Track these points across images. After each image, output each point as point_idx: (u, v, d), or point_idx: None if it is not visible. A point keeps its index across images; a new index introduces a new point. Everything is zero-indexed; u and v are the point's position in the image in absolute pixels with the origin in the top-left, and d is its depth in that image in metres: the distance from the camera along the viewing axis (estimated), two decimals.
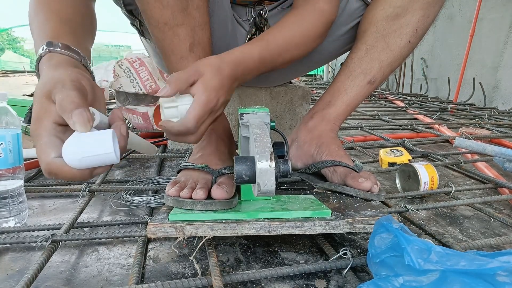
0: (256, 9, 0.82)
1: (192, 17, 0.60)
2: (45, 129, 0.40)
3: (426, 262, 0.35)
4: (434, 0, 0.68)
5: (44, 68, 0.47)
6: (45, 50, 0.48)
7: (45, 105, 0.40)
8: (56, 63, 0.47)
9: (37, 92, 0.42)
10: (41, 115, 0.40)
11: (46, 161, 0.39)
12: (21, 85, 2.50)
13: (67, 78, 0.42)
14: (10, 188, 0.60)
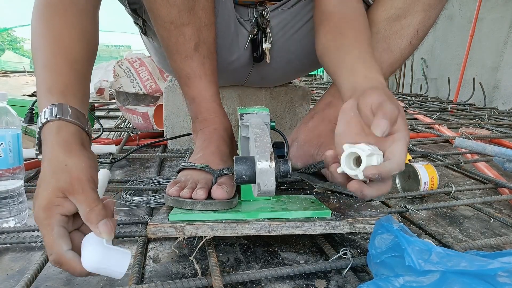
0: (258, 9, 0.82)
1: (198, 17, 0.61)
2: (56, 220, 0.41)
3: (426, 263, 0.35)
4: (436, 2, 0.68)
5: (51, 141, 0.44)
6: (55, 117, 0.45)
7: (58, 199, 0.41)
8: (65, 141, 0.45)
9: (49, 181, 0.42)
10: (52, 207, 0.41)
11: (59, 252, 0.40)
12: (21, 85, 2.50)
13: (83, 177, 0.43)
14: (10, 188, 0.60)
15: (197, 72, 0.65)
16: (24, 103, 1.22)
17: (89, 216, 0.41)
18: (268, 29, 0.82)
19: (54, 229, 0.41)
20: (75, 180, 0.42)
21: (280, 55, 0.88)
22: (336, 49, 0.59)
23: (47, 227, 0.41)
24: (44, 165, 0.44)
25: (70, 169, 0.43)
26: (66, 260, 0.41)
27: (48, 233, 0.41)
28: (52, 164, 0.43)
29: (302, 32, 0.85)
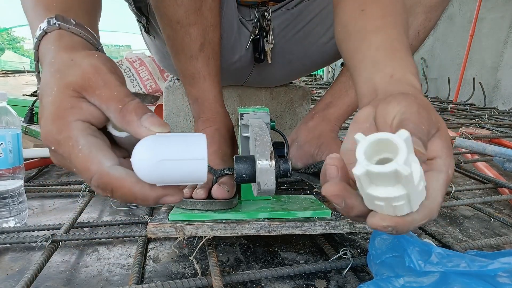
0: (260, 9, 0.82)
1: (205, 17, 0.61)
2: (77, 129, 0.28)
3: (426, 264, 0.35)
4: (437, 4, 0.68)
5: (52, 49, 0.33)
6: (54, 25, 0.35)
7: (71, 99, 0.29)
8: (70, 45, 0.34)
9: (51, 84, 0.30)
10: (63, 113, 0.28)
11: (100, 171, 0.28)
12: (21, 85, 2.50)
13: (103, 67, 0.31)
14: (10, 188, 0.60)
15: (202, 72, 0.66)
16: (24, 103, 1.22)
17: (125, 112, 0.28)
18: (269, 29, 0.82)
19: (79, 141, 0.28)
20: (89, 71, 0.30)
21: (281, 55, 0.88)
22: (356, 33, 0.45)
23: (68, 142, 0.28)
24: (42, 76, 0.32)
25: (79, 61, 0.31)
26: (116, 179, 0.27)
27: (74, 152, 0.28)
28: (55, 64, 0.31)
29: (304, 33, 0.85)
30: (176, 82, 1.14)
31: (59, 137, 0.28)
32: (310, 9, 0.83)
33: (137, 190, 0.28)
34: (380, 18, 0.44)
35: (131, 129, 0.29)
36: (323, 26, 0.84)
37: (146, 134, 0.28)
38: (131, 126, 0.29)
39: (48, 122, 0.28)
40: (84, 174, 0.28)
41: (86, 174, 0.28)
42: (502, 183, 0.86)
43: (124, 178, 0.28)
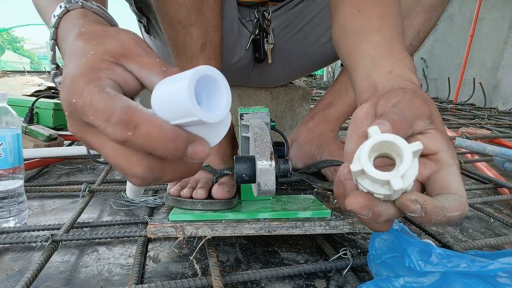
0: (260, 10, 0.82)
1: (206, 17, 0.61)
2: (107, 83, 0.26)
3: (427, 264, 0.35)
4: (437, 4, 0.68)
5: (80, 23, 0.32)
6: (77, 3, 0.34)
7: (106, 63, 0.27)
8: (99, 21, 0.34)
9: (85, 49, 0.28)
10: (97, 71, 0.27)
11: (126, 105, 0.24)
12: (21, 85, 2.50)
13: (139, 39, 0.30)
14: (10, 188, 0.60)
15: None
16: (24, 103, 1.22)
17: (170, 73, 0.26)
18: (269, 29, 0.82)
19: (106, 88, 0.25)
20: (130, 42, 0.29)
21: (281, 55, 0.88)
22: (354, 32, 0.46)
23: (93, 88, 0.25)
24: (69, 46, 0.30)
25: (115, 33, 0.30)
26: (144, 114, 0.24)
27: (97, 94, 0.25)
28: (85, 33, 0.30)
29: (304, 33, 0.85)
30: None
31: (85, 87, 0.25)
32: (310, 9, 0.83)
33: (167, 126, 0.24)
34: (377, 18, 0.45)
35: None
36: (323, 26, 0.84)
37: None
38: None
39: (77, 77, 0.26)
40: (105, 110, 0.24)
41: (108, 109, 0.24)
42: (502, 183, 0.86)
43: (149, 113, 0.24)
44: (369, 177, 0.27)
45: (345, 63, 0.48)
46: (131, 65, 0.28)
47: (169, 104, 0.23)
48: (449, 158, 0.31)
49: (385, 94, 0.34)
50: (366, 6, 0.47)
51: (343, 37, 0.48)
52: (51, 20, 0.34)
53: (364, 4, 0.47)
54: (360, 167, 0.27)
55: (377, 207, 0.28)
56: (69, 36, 0.31)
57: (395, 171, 0.26)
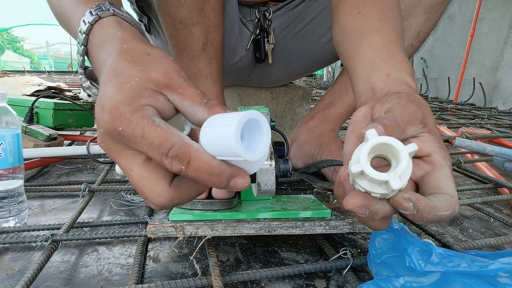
0: (260, 10, 0.82)
1: (208, 17, 0.61)
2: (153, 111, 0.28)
3: (427, 264, 0.35)
4: (437, 4, 0.68)
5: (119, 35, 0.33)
6: (108, 10, 0.35)
7: (149, 91, 0.29)
8: (134, 34, 0.34)
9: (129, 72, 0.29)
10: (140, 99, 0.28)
11: (182, 141, 0.27)
12: (21, 85, 2.50)
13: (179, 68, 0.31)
14: (10, 188, 0.60)
15: (203, 72, 0.66)
16: (24, 103, 1.22)
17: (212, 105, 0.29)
18: (270, 29, 0.82)
19: (155, 119, 0.27)
20: (171, 71, 0.30)
21: (282, 55, 0.89)
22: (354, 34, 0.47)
23: (143, 120, 0.27)
24: (110, 56, 0.31)
25: (157, 59, 0.31)
26: (196, 151, 0.27)
27: (150, 127, 0.27)
28: (130, 53, 0.31)
29: (305, 33, 0.85)
30: None
31: (132, 117, 0.27)
32: (310, 9, 0.83)
33: (215, 163, 0.27)
34: (377, 20, 0.46)
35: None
36: (323, 26, 0.84)
37: None
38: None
39: (122, 104, 0.27)
40: (162, 145, 0.26)
41: (165, 145, 0.26)
42: (502, 183, 0.86)
43: (203, 151, 0.27)
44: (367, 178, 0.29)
45: (345, 64, 0.49)
46: (173, 95, 0.29)
47: (217, 145, 0.26)
48: (441, 159, 0.32)
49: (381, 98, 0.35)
50: (366, 8, 0.47)
51: (344, 39, 0.49)
52: (80, 26, 0.35)
53: (364, 6, 0.48)
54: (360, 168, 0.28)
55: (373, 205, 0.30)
56: (108, 48, 0.32)
57: (393, 172, 0.28)
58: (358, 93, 0.42)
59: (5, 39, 12.38)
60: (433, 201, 0.29)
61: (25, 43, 13.52)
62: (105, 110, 0.28)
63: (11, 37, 13.43)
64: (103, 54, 0.32)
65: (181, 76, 0.30)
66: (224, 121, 0.26)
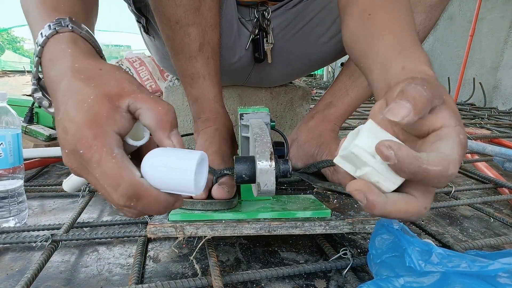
0: (259, 9, 0.82)
1: (204, 17, 0.61)
2: (112, 138, 0.30)
3: (427, 264, 0.35)
4: (437, 3, 0.68)
5: (69, 52, 0.33)
6: (67, 27, 0.35)
7: (106, 109, 0.30)
8: (87, 51, 0.35)
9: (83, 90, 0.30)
10: (102, 121, 0.29)
11: (131, 179, 0.29)
12: (21, 85, 2.50)
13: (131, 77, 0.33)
14: (10, 188, 0.60)
15: (201, 72, 0.66)
16: (24, 103, 1.22)
17: (163, 120, 0.31)
18: (269, 29, 0.82)
19: (114, 149, 0.29)
20: (124, 81, 0.31)
21: (281, 55, 0.88)
22: (366, 36, 0.47)
23: (102, 149, 0.28)
24: (63, 76, 0.32)
25: (108, 72, 0.32)
26: (145, 190, 0.29)
27: (106, 156, 0.28)
28: (82, 71, 0.32)
29: (304, 32, 0.85)
30: (176, 82, 1.14)
31: (93, 142, 0.28)
32: (309, 9, 0.83)
33: (163, 198, 0.30)
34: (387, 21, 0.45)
35: (160, 134, 0.31)
36: (323, 25, 0.84)
37: (168, 146, 0.31)
38: (161, 132, 0.31)
39: (83, 127, 0.29)
40: (113, 181, 0.28)
41: (116, 181, 0.28)
42: (502, 183, 0.86)
43: (152, 189, 0.30)
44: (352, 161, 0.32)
45: (359, 66, 0.48)
46: (127, 100, 0.31)
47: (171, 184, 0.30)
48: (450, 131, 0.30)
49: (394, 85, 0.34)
50: (376, 9, 0.47)
51: (355, 42, 0.49)
52: (37, 38, 0.35)
53: (373, 7, 0.48)
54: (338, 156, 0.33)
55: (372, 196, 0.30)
56: (60, 66, 0.33)
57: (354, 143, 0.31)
58: (376, 91, 0.42)
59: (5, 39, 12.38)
60: (420, 154, 0.28)
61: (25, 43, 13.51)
62: (68, 132, 0.29)
63: (11, 37, 13.42)
64: (54, 71, 0.33)
65: (133, 84, 0.32)
66: (178, 162, 0.29)
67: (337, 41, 0.84)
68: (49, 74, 0.34)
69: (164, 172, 0.29)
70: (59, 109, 0.31)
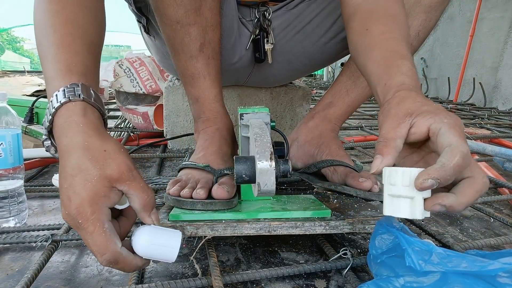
0: (260, 10, 0.82)
1: (205, 17, 0.61)
2: (105, 214, 0.37)
3: (427, 264, 0.35)
4: (437, 4, 0.68)
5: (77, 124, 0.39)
6: (79, 97, 0.40)
7: (105, 189, 0.37)
8: (95, 125, 0.41)
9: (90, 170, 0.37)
10: (99, 200, 0.37)
11: (115, 250, 0.37)
12: (21, 85, 2.50)
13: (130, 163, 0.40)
14: (10, 188, 0.60)
15: (202, 72, 0.66)
16: (24, 103, 1.22)
17: (147, 205, 0.40)
18: (270, 29, 0.82)
19: (105, 225, 0.37)
20: (123, 166, 0.38)
21: (281, 55, 0.88)
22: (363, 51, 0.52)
23: (96, 223, 0.36)
24: (74, 151, 0.38)
25: (111, 155, 0.39)
26: (123, 258, 0.38)
27: (99, 229, 0.36)
28: (90, 151, 0.38)
29: (304, 33, 0.85)
30: (176, 82, 1.14)
31: (91, 217, 0.36)
32: (310, 9, 0.83)
33: (135, 263, 0.40)
34: (380, 34, 0.51)
35: (143, 214, 0.40)
36: (323, 26, 0.84)
37: (148, 223, 0.41)
38: (145, 213, 0.40)
39: (85, 203, 0.36)
40: (100, 249, 0.37)
41: (102, 250, 0.37)
42: (502, 183, 0.86)
43: (128, 257, 0.39)
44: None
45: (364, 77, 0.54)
46: (122, 186, 0.39)
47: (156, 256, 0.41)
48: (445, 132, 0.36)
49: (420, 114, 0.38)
50: (371, 24, 0.52)
51: (356, 55, 0.55)
52: (52, 97, 0.41)
53: (370, 22, 0.53)
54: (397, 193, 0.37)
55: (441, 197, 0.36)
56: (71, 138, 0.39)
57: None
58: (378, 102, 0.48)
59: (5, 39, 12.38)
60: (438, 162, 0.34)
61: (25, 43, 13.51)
62: (71, 202, 0.37)
63: (11, 37, 13.42)
64: (65, 141, 0.39)
65: (130, 170, 0.39)
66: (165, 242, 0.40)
67: (338, 41, 0.84)
68: (61, 141, 0.40)
69: (154, 249, 0.40)
70: (66, 178, 0.38)
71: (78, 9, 0.47)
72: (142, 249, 0.40)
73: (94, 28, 0.48)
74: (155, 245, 0.40)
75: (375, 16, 0.53)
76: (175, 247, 0.40)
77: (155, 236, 0.40)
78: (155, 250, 0.40)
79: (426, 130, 0.37)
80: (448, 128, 0.36)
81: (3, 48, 10.19)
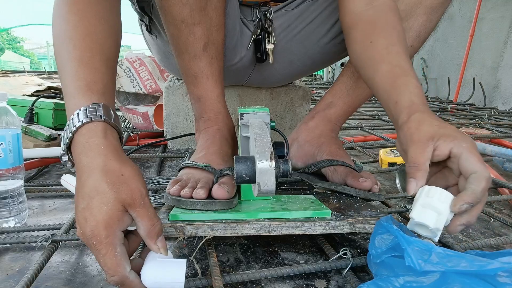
0: (261, 10, 0.82)
1: (209, 17, 0.61)
2: (118, 238, 0.39)
3: (426, 263, 0.35)
4: (438, 5, 0.68)
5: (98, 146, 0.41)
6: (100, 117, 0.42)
7: (119, 213, 0.39)
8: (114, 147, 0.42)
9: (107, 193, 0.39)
10: (114, 223, 0.38)
11: (123, 274, 0.39)
12: (21, 85, 2.50)
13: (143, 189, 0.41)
14: (10, 188, 0.60)
15: (205, 72, 0.66)
16: (24, 103, 1.22)
17: (151, 232, 0.41)
18: (271, 29, 0.82)
19: (117, 248, 0.38)
20: (136, 193, 0.40)
21: (282, 55, 0.88)
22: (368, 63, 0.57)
23: (109, 247, 0.38)
24: (93, 173, 0.40)
25: (127, 180, 0.40)
26: (129, 282, 0.39)
27: (111, 253, 0.38)
28: (109, 174, 0.40)
29: (305, 33, 0.85)
30: (176, 82, 1.14)
31: (105, 240, 0.38)
32: (311, 10, 0.83)
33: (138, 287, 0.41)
34: (384, 48, 0.54)
35: (148, 241, 0.41)
36: (324, 26, 0.84)
37: (155, 250, 0.41)
38: (150, 240, 0.41)
39: (101, 225, 0.38)
40: (110, 271, 0.38)
41: (111, 271, 0.38)
42: (502, 183, 0.86)
43: (134, 281, 0.40)
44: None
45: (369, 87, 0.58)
46: (132, 212, 0.40)
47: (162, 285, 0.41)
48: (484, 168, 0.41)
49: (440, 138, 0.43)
50: (375, 37, 0.56)
51: (360, 66, 0.59)
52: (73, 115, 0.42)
53: (374, 35, 0.56)
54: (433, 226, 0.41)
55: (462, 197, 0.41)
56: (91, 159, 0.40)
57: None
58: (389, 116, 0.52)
59: (5, 39, 12.37)
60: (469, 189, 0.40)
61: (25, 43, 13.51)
62: (87, 223, 0.38)
63: (11, 37, 13.42)
64: (86, 161, 0.40)
65: (142, 197, 0.40)
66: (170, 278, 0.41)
67: (338, 42, 0.84)
68: (80, 160, 0.41)
69: (160, 285, 0.41)
70: (84, 198, 0.39)
71: (96, 21, 0.48)
72: (148, 284, 0.41)
73: (111, 41, 0.49)
74: (160, 282, 0.41)
75: (378, 29, 0.56)
76: (180, 280, 0.41)
77: (159, 273, 0.41)
78: (161, 285, 0.41)
79: (448, 153, 0.42)
80: (469, 153, 0.41)
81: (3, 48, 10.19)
